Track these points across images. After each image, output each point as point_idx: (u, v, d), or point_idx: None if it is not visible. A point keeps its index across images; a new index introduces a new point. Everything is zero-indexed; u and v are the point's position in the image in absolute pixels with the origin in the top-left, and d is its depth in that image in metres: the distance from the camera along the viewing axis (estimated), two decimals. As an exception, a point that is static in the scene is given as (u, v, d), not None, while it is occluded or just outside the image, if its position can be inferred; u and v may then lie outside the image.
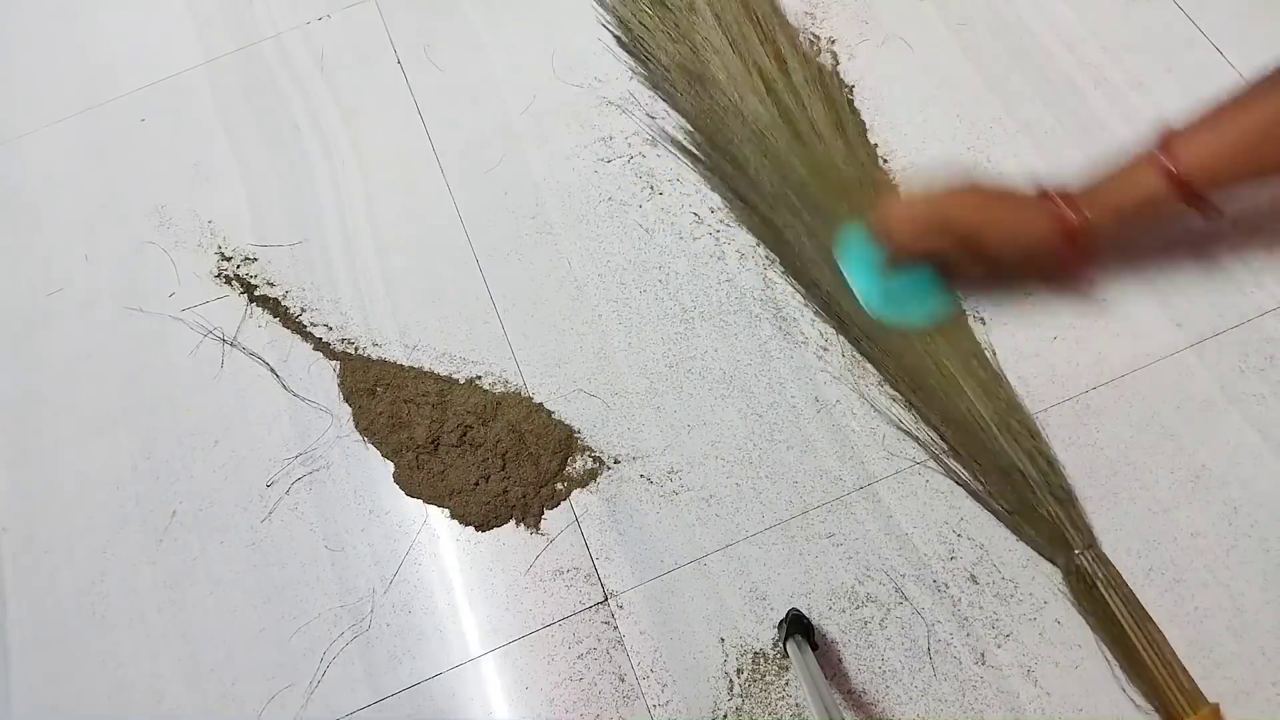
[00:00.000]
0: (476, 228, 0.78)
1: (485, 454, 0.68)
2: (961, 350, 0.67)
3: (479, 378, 0.72)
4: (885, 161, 0.76)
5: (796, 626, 0.59)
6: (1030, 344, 0.68)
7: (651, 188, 0.78)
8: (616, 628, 0.63)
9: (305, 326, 0.75)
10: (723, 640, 0.62)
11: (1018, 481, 0.62)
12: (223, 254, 0.79)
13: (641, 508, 0.67)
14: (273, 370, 0.74)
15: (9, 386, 0.76)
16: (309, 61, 0.88)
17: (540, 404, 0.70)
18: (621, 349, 0.72)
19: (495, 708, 0.62)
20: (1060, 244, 0.59)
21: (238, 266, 0.79)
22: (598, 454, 0.68)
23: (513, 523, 0.67)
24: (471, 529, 0.67)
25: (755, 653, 0.62)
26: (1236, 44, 0.77)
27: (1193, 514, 0.62)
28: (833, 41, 0.82)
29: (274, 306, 0.76)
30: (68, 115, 0.88)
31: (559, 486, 0.68)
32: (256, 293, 0.77)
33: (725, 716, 0.60)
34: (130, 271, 0.80)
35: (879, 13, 0.83)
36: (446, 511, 0.68)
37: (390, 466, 0.69)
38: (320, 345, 0.75)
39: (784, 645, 0.60)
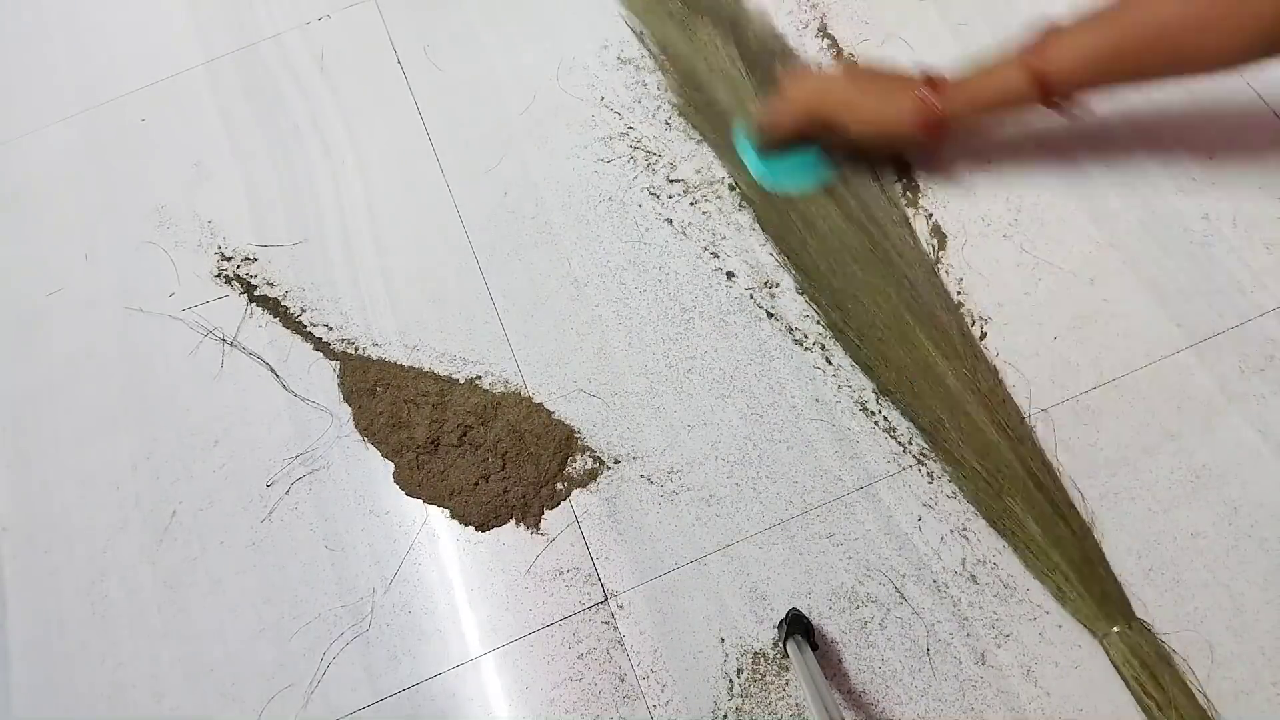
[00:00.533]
0: (476, 228, 0.78)
1: (485, 454, 0.68)
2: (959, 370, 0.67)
3: (479, 378, 0.72)
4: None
5: (796, 626, 0.59)
6: (1030, 344, 0.68)
7: (652, 188, 0.78)
8: (616, 628, 0.63)
9: (305, 326, 0.76)
10: (723, 640, 0.62)
11: (1054, 555, 0.61)
12: (223, 254, 0.79)
13: (641, 508, 0.67)
14: (273, 370, 0.74)
15: (9, 386, 0.76)
16: (309, 61, 0.88)
17: (540, 404, 0.70)
18: (621, 349, 0.72)
19: (495, 708, 0.62)
20: (919, 129, 0.63)
21: (238, 266, 0.79)
22: (598, 454, 0.69)
23: (513, 523, 0.67)
24: (471, 529, 0.67)
25: (755, 653, 0.62)
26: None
27: (1193, 514, 0.62)
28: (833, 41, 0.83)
29: (274, 306, 0.76)
30: (68, 115, 0.88)
31: (559, 486, 0.68)
32: (256, 293, 0.77)
33: (725, 716, 0.60)
34: (130, 271, 0.80)
35: (879, 13, 0.83)
36: (447, 511, 0.68)
37: (390, 466, 0.69)
38: (320, 345, 0.75)
39: (784, 645, 0.60)
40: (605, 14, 0.86)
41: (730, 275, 0.74)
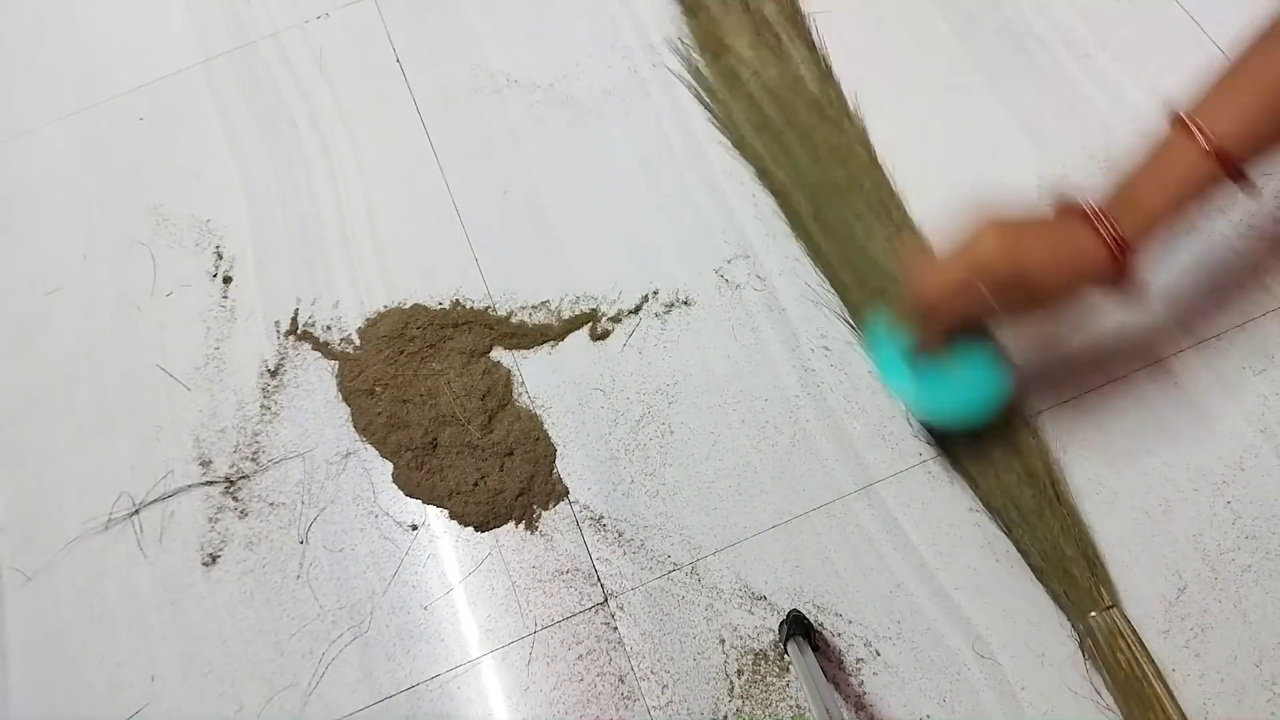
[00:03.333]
0: (476, 228, 0.78)
1: (485, 454, 0.68)
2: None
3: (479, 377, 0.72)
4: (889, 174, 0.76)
5: (797, 627, 0.59)
6: (1030, 343, 0.68)
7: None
8: (616, 628, 0.63)
9: (303, 326, 0.75)
10: (723, 641, 0.62)
11: (1047, 542, 0.62)
12: (220, 253, 0.79)
13: (641, 507, 0.66)
14: (271, 370, 0.74)
15: (7, 386, 0.76)
16: (307, 60, 0.88)
17: (540, 402, 0.70)
18: (621, 348, 0.72)
19: (494, 709, 0.62)
20: (1112, 262, 0.50)
21: (234, 266, 0.78)
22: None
23: (512, 523, 0.67)
24: (471, 529, 0.67)
25: (756, 654, 0.62)
26: (1239, 42, 0.77)
27: (1193, 514, 0.62)
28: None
29: (272, 306, 0.76)
30: (66, 114, 0.88)
31: (558, 486, 0.68)
32: (254, 292, 0.77)
33: (726, 718, 0.60)
34: (128, 271, 0.79)
35: (880, 11, 0.83)
36: (446, 512, 0.68)
37: (389, 466, 0.69)
38: (319, 345, 0.74)
39: (785, 646, 0.60)
40: (606, 13, 0.86)
41: (729, 274, 0.74)
